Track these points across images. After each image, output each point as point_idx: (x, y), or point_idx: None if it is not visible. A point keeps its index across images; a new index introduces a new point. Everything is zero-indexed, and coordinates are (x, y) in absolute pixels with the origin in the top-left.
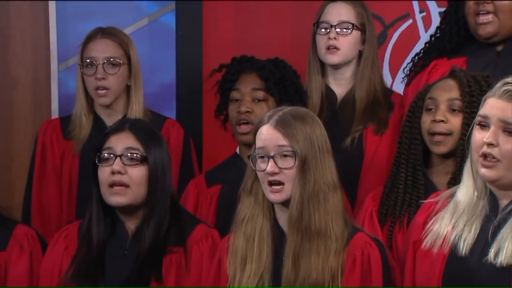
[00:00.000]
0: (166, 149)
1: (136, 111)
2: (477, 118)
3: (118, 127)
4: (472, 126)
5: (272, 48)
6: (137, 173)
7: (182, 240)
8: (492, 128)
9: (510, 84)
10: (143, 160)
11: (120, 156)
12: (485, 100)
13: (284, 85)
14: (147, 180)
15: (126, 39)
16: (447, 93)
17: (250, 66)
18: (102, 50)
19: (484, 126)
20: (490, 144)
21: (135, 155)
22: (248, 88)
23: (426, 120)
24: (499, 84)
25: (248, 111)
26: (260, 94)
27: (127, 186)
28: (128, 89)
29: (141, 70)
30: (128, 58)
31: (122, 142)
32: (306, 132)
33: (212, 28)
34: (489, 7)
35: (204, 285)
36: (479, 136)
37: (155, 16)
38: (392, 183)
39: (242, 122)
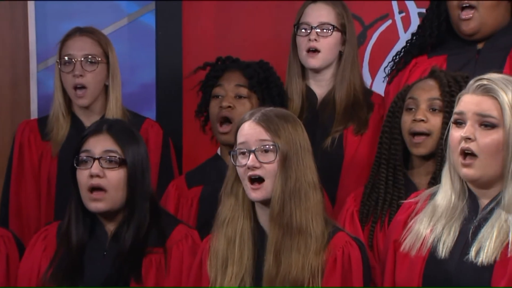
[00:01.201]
0: (145, 150)
1: (114, 111)
2: (453, 116)
3: (96, 129)
4: (448, 126)
5: (252, 48)
6: (116, 176)
7: (162, 240)
8: (469, 123)
9: (483, 79)
10: (121, 163)
11: (99, 159)
12: (459, 98)
13: (268, 85)
14: (126, 182)
15: (105, 39)
16: (427, 92)
17: (235, 65)
18: (80, 47)
19: (460, 123)
20: (467, 139)
21: (113, 157)
22: (232, 84)
23: (406, 119)
24: (471, 82)
25: (229, 106)
26: (244, 91)
27: (105, 190)
28: (106, 89)
29: (120, 70)
30: (107, 56)
31: (100, 145)
32: (288, 130)
33: (192, 28)
34: (472, 2)
35: (184, 285)
36: (456, 133)
37: (135, 16)
38: (373, 183)
39: (222, 120)
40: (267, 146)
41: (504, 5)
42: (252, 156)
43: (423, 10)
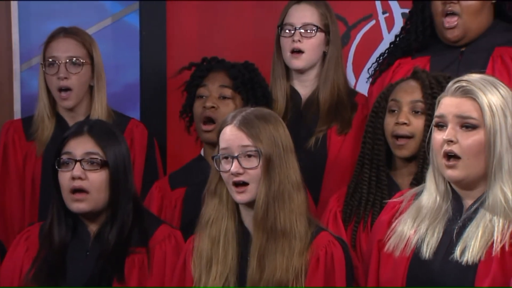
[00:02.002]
0: (126, 150)
1: (99, 112)
2: (434, 120)
3: (77, 131)
4: (430, 129)
5: (236, 48)
6: (98, 178)
7: (145, 240)
8: (450, 125)
9: (462, 81)
10: (103, 164)
11: (80, 161)
12: (439, 100)
13: (253, 86)
14: (108, 184)
15: (89, 39)
16: (409, 95)
17: (220, 65)
18: (64, 49)
19: (442, 126)
20: (450, 141)
21: (95, 159)
22: (216, 85)
23: (389, 122)
24: (451, 83)
25: (213, 107)
26: (228, 91)
27: (88, 192)
28: (91, 89)
29: (104, 71)
30: (91, 58)
31: (81, 147)
32: (270, 132)
33: (176, 28)
34: (455, 7)
35: (168, 285)
36: (438, 136)
37: (119, 16)
38: (356, 183)
39: (206, 120)
40: (250, 152)
41: (487, 8)
42: (235, 162)
43: (407, 11)
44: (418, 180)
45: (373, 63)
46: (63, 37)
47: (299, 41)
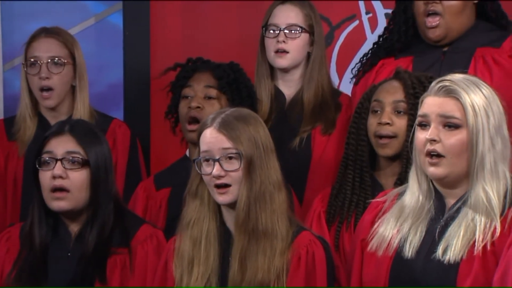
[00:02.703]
0: (108, 150)
1: (82, 111)
2: (417, 119)
3: (58, 130)
4: (413, 129)
5: (220, 48)
6: (79, 177)
7: (127, 240)
8: (433, 125)
9: (445, 81)
10: (84, 164)
11: (61, 160)
12: (422, 100)
13: (238, 87)
14: (89, 183)
15: (71, 39)
16: (392, 95)
17: (205, 65)
18: (46, 49)
19: (424, 125)
20: (433, 141)
21: (76, 158)
22: (201, 85)
23: (372, 122)
24: (433, 83)
25: (198, 107)
26: (213, 91)
27: (68, 191)
28: (73, 89)
29: (87, 70)
30: (73, 58)
31: (62, 146)
32: (250, 133)
33: (160, 28)
34: (438, 7)
35: (149, 285)
36: (421, 136)
37: (102, 16)
38: (340, 184)
39: (191, 120)
40: (231, 154)
41: (469, 8)
42: (217, 165)
43: (390, 11)
44: (402, 180)
45: (356, 64)
46: (45, 37)
47: (284, 41)
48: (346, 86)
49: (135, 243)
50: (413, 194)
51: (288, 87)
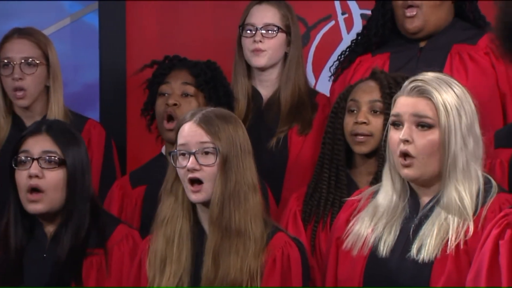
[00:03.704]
0: (85, 151)
1: (56, 112)
2: (390, 118)
3: (35, 130)
4: (387, 128)
5: (196, 47)
6: (55, 177)
7: (102, 241)
8: (406, 125)
9: (417, 81)
10: (60, 163)
11: (37, 159)
12: (395, 100)
13: (215, 85)
14: (66, 183)
15: (44, 39)
16: (368, 95)
17: (183, 63)
18: (19, 50)
19: (398, 125)
20: (406, 141)
21: (52, 158)
22: (178, 82)
23: (348, 121)
24: (406, 83)
25: (175, 104)
26: (190, 89)
27: (43, 192)
28: (47, 90)
29: (63, 70)
30: (46, 58)
31: (39, 145)
32: (229, 132)
33: (136, 28)
34: (416, 1)
35: (125, 285)
36: (394, 135)
37: (78, 15)
38: (315, 183)
39: (168, 118)
40: (207, 149)
41: (447, 5)
42: (192, 158)
43: (366, 12)
44: (378, 179)
45: (334, 61)
46: (18, 38)
47: (261, 41)
48: (322, 86)
49: (111, 244)
50: (387, 193)
51: (265, 87)
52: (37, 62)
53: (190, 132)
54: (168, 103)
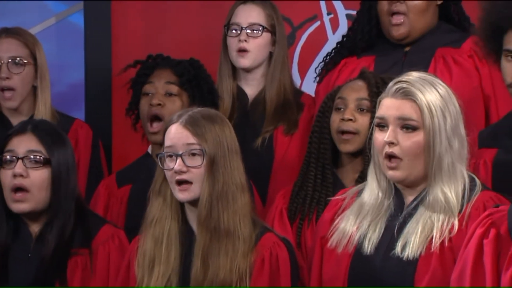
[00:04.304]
0: (70, 150)
1: (43, 112)
2: (375, 120)
3: (20, 129)
4: (372, 127)
5: (182, 48)
6: (40, 176)
7: (88, 241)
8: (391, 127)
9: (401, 82)
10: (45, 163)
11: (22, 158)
12: (380, 101)
13: (198, 83)
14: (50, 182)
15: (32, 39)
16: (356, 93)
17: (166, 62)
18: (6, 49)
19: (383, 126)
20: (391, 143)
21: (37, 157)
22: (162, 81)
23: (335, 119)
24: (391, 84)
25: (159, 104)
26: (174, 88)
27: (28, 191)
28: (34, 90)
29: (48, 71)
30: (34, 58)
31: (24, 145)
32: (216, 132)
33: (121, 28)
34: (401, 7)
35: (112, 285)
36: (379, 137)
37: (63, 15)
38: (302, 181)
39: (153, 118)
40: (194, 150)
41: (432, 9)
42: (179, 160)
43: (351, 12)
44: (364, 177)
45: (320, 63)
46: (5, 37)
47: (246, 41)
48: (308, 86)
49: (96, 244)
50: (372, 191)
51: (251, 87)
52: (25, 61)
53: (176, 134)
54: (152, 103)
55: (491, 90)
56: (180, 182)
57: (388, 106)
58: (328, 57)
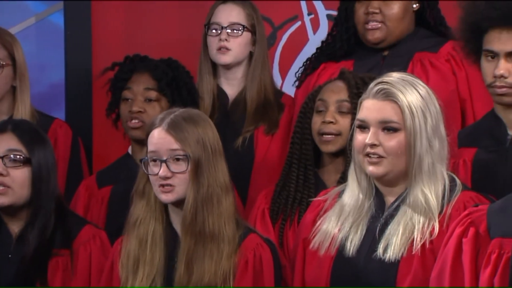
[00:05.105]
0: (51, 150)
1: (22, 112)
2: (356, 122)
3: (0, 128)
4: (353, 128)
5: (162, 47)
6: (20, 175)
7: (68, 242)
8: (372, 129)
9: (382, 83)
10: (26, 162)
11: (2, 157)
12: (361, 102)
13: (177, 85)
14: (31, 181)
15: (11, 39)
16: (336, 94)
17: (143, 65)
18: None
19: (364, 128)
20: (373, 145)
21: (17, 156)
22: (141, 87)
23: (316, 121)
24: (371, 85)
25: (140, 111)
26: (153, 94)
27: (9, 187)
28: (14, 90)
29: (28, 70)
30: (13, 58)
31: (4, 144)
32: (198, 135)
33: (101, 27)
34: (378, 17)
35: (94, 285)
36: (360, 138)
37: (43, 15)
38: (284, 181)
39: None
40: (178, 156)
41: (409, 16)
42: (163, 166)
43: (332, 12)
44: (345, 178)
45: (300, 67)
46: None
47: (226, 40)
48: (289, 87)
49: (77, 244)
50: (353, 192)
51: (231, 86)
52: (3, 63)
53: (159, 139)
54: (132, 110)
55: (468, 94)
56: (163, 185)
57: (369, 108)
58: (307, 62)
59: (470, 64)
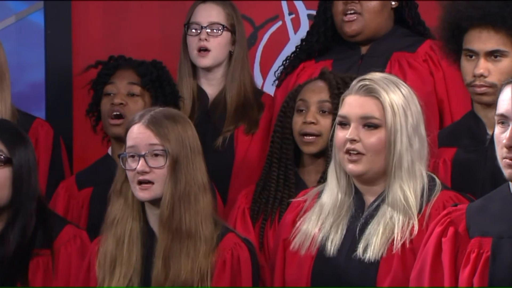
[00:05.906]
0: (32, 150)
1: (3, 111)
2: (337, 119)
3: None
4: (333, 127)
5: (142, 47)
6: (1, 175)
7: (49, 242)
8: (353, 125)
9: (365, 80)
10: (6, 162)
11: None
12: (343, 99)
13: (161, 84)
14: (12, 182)
15: None
16: (317, 95)
17: (128, 63)
18: None
19: (345, 124)
20: (353, 140)
21: None
22: (124, 82)
23: (297, 121)
24: (354, 82)
25: (122, 103)
26: (136, 88)
27: None
28: None
29: (8, 70)
30: None
31: None
32: (178, 132)
33: (82, 27)
34: (356, 7)
35: (73, 286)
36: (341, 134)
37: (23, 14)
38: (264, 181)
39: (114, 117)
40: (157, 151)
41: (387, 11)
42: (141, 161)
43: (313, 12)
44: (325, 178)
45: (279, 66)
46: None
47: (206, 39)
48: (270, 87)
49: (58, 244)
50: (332, 191)
51: (211, 86)
52: None
53: (139, 134)
54: (114, 102)
55: (445, 94)
56: (141, 182)
57: (351, 104)
58: (287, 61)
59: (449, 64)
